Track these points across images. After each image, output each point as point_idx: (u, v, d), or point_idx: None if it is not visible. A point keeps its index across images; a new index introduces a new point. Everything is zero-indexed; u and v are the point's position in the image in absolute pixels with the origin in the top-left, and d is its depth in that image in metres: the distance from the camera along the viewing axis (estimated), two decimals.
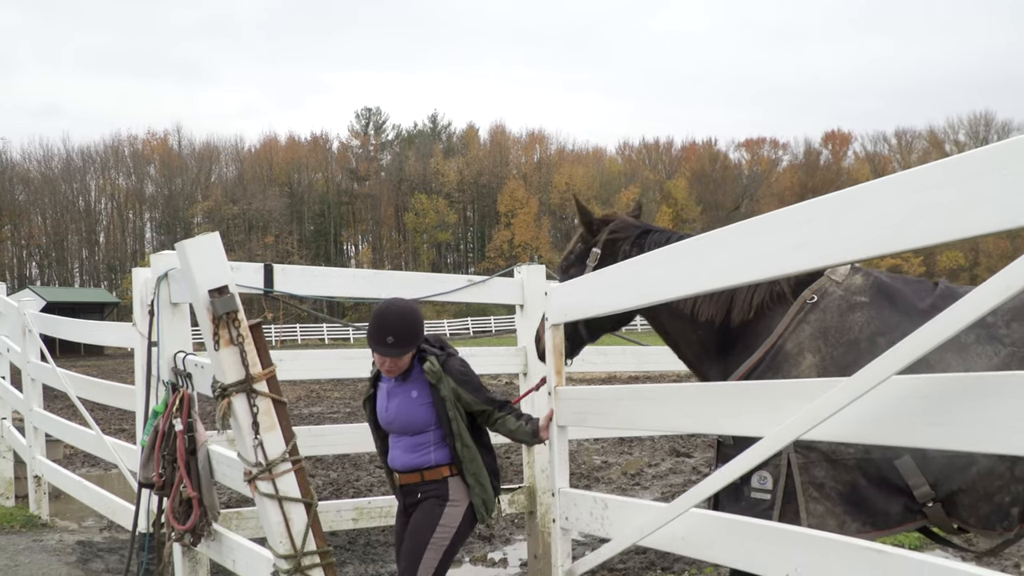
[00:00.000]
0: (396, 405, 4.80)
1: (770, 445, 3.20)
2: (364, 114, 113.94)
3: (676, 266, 3.74)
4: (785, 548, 3.25)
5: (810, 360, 3.98)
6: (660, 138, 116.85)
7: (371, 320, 4.73)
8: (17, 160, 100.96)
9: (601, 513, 4.40)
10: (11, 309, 10.88)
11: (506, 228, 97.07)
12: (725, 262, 3.38)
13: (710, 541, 3.66)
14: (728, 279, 3.42)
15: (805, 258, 2.97)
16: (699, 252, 3.59)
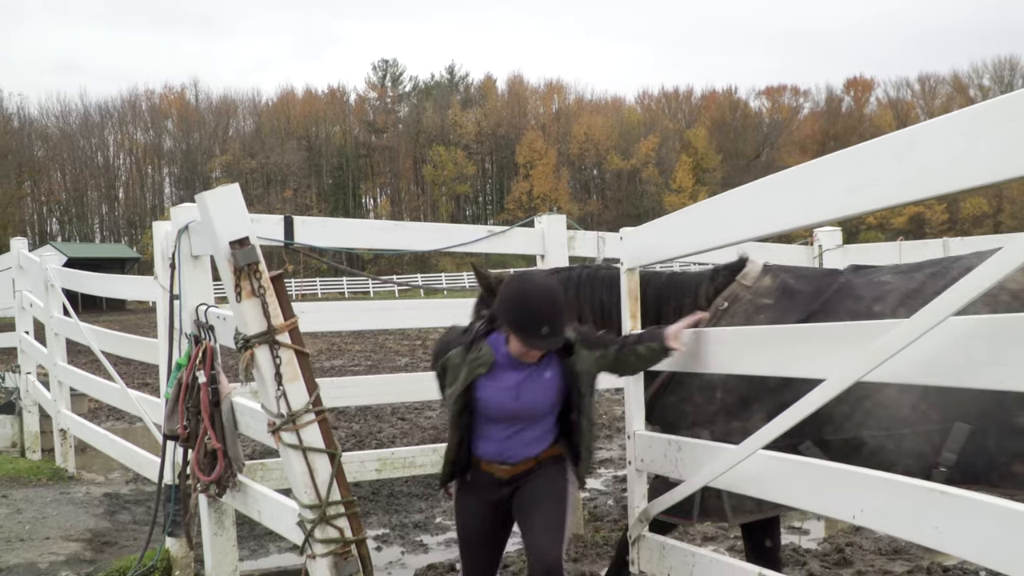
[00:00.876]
0: (531, 391, 4.25)
1: (832, 387, 3.25)
2: (381, 66, 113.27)
3: (742, 209, 3.85)
4: (851, 490, 3.30)
5: None
6: (680, 86, 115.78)
7: (514, 305, 4.13)
8: (35, 116, 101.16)
9: (675, 455, 4.53)
10: (33, 264, 10.92)
11: (525, 179, 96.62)
12: (795, 203, 3.44)
13: (779, 483, 3.73)
14: (793, 221, 3.51)
15: (860, 201, 3.03)
16: (762, 195, 3.69)
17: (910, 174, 2.79)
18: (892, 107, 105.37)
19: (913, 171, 2.78)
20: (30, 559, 6.90)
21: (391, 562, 7.20)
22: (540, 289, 4.13)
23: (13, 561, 6.83)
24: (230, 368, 5.47)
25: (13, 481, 9.87)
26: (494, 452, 4.32)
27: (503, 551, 4.53)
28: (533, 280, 4.24)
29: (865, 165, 2.96)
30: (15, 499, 8.88)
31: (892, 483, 3.13)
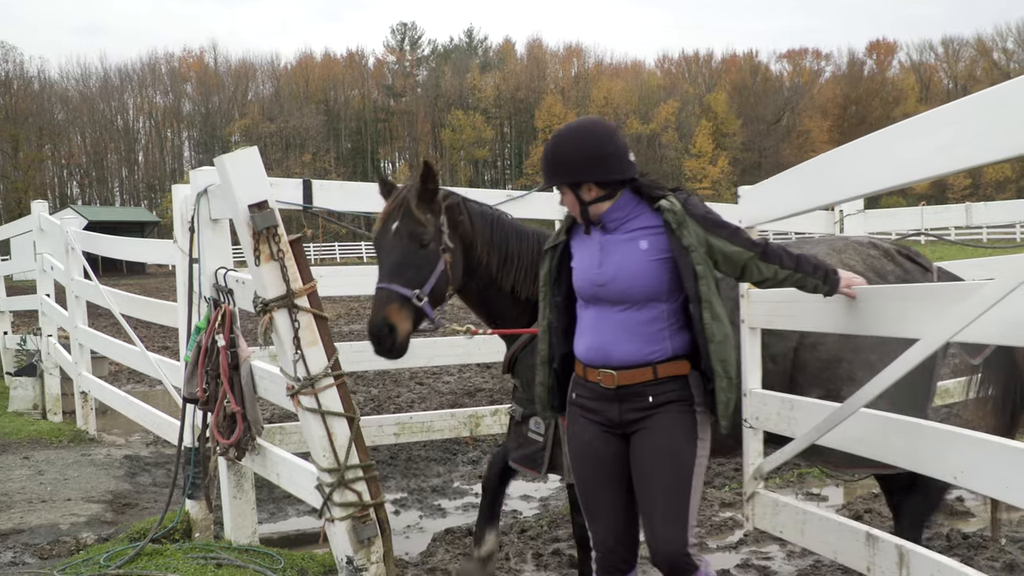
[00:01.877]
0: (617, 259, 3.55)
1: (926, 345, 3.28)
2: (399, 29, 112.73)
3: (845, 168, 3.84)
4: (950, 450, 3.32)
5: None
6: (700, 50, 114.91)
7: (544, 153, 3.73)
8: (55, 79, 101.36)
9: (788, 413, 4.50)
10: (54, 227, 10.95)
11: (544, 144, 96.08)
12: (889, 163, 3.45)
13: (882, 442, 3.75)
14: (889, 180, 3.48)
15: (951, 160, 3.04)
16: (858, 155, 3.71)
17: (999, 132, 2.80)
18: (915, 70, 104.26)
19: (1002, 129, 2.78)
20: (52, 520, 6.96)
21: (409, 526, 7.23)
22: (571, 125, 3.70)
23: (35, 522, 6.89)
24: (249, 332, 5.47)
25: (35, 443, 9.95)
26: (591, 347, 3.61)
27: (630, 492, 3.65)
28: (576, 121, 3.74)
29: (956, 124, 2.97)
30: (37, 461, 8.96)
31: (988, 443, 3.17)
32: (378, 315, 4.16)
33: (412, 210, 4.32)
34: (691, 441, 3.51)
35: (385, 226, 4.34)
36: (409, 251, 4.26)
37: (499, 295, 4.71)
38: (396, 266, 4.25)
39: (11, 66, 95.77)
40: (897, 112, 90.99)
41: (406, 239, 4.29)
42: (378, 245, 4.35)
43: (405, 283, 4.20)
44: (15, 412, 11.91)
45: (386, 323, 4.14)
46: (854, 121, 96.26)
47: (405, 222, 4.30)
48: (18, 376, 12.36)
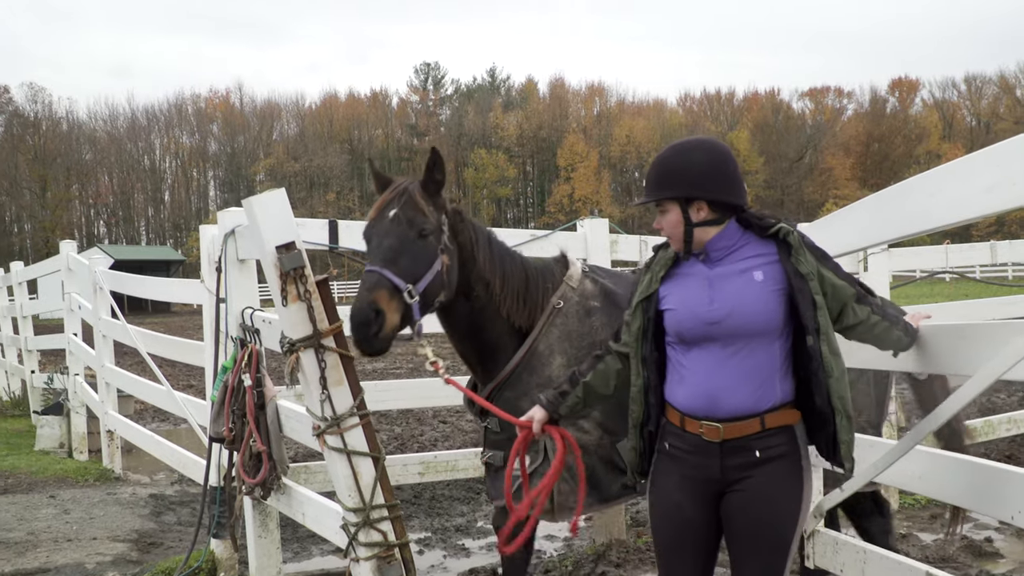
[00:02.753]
0: (732, 295, 3.21)
1: (981, 381, 3.23)
2: (423, 69, 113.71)
3: (895, 206, 3.79)
4: (1010, 489, 3.32)
5: (559, 360, 4.48)
6: (722, 88, 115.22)
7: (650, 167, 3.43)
8: (84, 120, 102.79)
9: None
10: (82, 267, 11.07)
11: (566, 182, 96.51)
12: (938, 203, 3.39)
13: (941, 481, 3.74)
14: (938, 220, 3.42)
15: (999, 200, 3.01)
16: (908, 194, 3.66)
17: None
18: (938, 108, 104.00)
19: None
20: (77, 559, 6.99)
21: (433, 566, 7.21)
22: (690, 139, 3.40)
23: (61, 561, 6.92)
24: (275, 371, 5.50)
25: (61, 481, 10.00)
26: (695, 395, 3.24)
27: (715, 560, 3.39)
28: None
29: (1003, 165, 2.97)
30: (63, 499, 9.00)
31: None
32: (366, 298, 3.84)
33: (415, 197, 4.12)
34: (795, 503, 3.21)
35: (382, 213, 4.12)
36: (407, 239, 4.03)
37: (495, 320, 4.49)
38: (391, 252, 3.98)
39: (40, 107, 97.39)
40: (920, 150, 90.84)
41: (405, 225, 4.05)
42: (371, 231, 4.10)
43: (399, 273, 3.93)
44: (42, 451, 11.99)
45: (374, 307, 3.83)
46: (877, 158, 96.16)
47: (406, 209, 4.09)
48: (45, 415, 12.46)
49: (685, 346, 3.27)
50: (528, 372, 4.47)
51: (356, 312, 3.83)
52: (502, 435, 4.45)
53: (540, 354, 4.48)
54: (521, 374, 4.47)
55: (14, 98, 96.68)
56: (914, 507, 8.05)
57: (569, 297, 4.61)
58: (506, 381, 4.48)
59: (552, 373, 4.42)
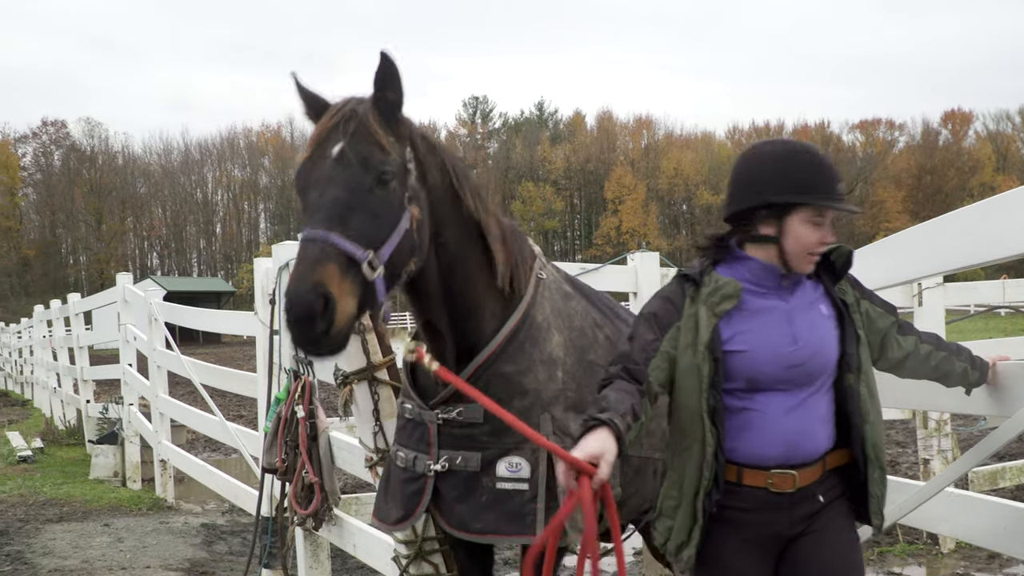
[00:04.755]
0: (811, 333, 2.90)
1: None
2: (471, 103, 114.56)
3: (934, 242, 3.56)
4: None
5: (557, 338, 3.52)
6: (771, 121, 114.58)
7: (792, 161, 2.87)
8: (139, 154, 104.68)
9: None
10: (137, 299, 11.26)
11: (613, 215, 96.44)
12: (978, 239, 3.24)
13: (971, 523, 3.57)
14: (978, 256, 3.28)
15: None
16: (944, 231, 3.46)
17: None
18: (991, 140, 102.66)
19: None
20: None
21: None
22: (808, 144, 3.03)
23: None
24: (327, 403, 5.56)
25: (115, 510, 10.13)
26: (770, 444, 2.85)
27: None
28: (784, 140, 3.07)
29: None
30: (117, 528, 9.12)
31: None
32: (308, 278, 2.70)
33: (369, 124, 2.99)
34: (857, 547, 3.00)
35: (321, 150, 2.99)
36: (362, 187, 2.91)
37: (479, 277, 3.40)
38: (339, 207, 2.86)
39: (96, 141, 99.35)
40: (973, 182, 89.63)
41: (358, 167, 2.92)
42: (307, 178, 3.00)
43: (353, 236, 2.81)
44: (96, 479, 12.16)
45: (320, 291, 2.69)
46: (929, 191, 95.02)
47: (357, 143, 2.96)
48: (100, 444, 12.64)
49: (749, 391, 2.87)
50: (531, 343, 3.43)
51: (294, 300, 2.69)
52: (482, 428, 3.36)
53: (539, 325, 3.49)
54: (524, 343, 3.42)
55: (71, 132, 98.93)
56: (971, 546, 7.90)
57: (549, 272, 3.78)
58: (502, 351, 3.39)
59: (553, 352, 3.47)
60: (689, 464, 2.87)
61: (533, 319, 3.48)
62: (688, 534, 2.89)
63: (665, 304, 2.95)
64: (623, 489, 3.51)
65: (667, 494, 2.95)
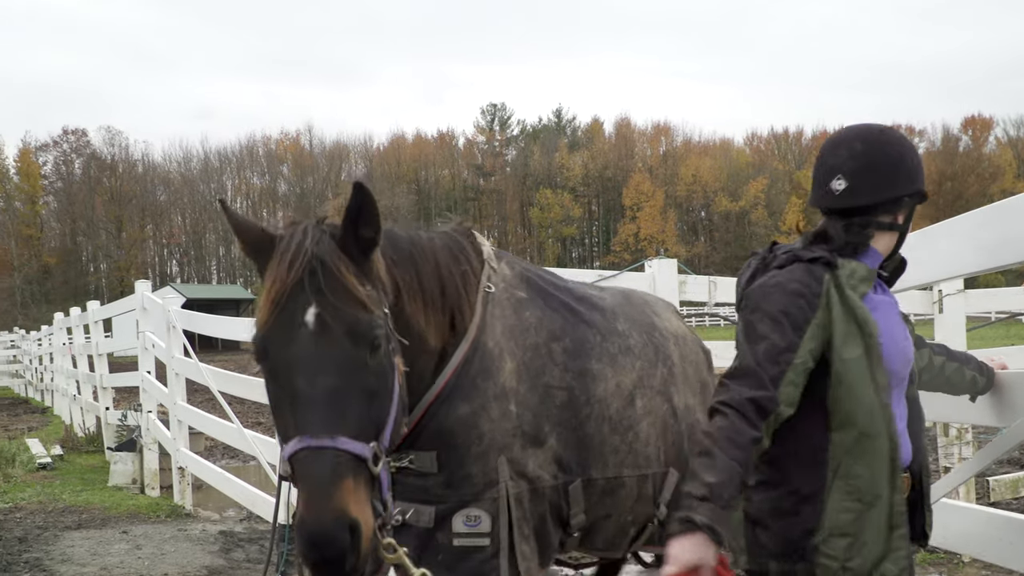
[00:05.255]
0: (906, 329, 2.87)
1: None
2: (489, 110, 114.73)
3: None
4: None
5: (510, 365, 3.17)
6: (790, 127, 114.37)
7: (901, 149, 2.79)
8: (159, 162, 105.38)
9: None
10: (156, 306, 11.29)
11: (631, 221, 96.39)
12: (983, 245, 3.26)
13: (966, 534, 3.55)
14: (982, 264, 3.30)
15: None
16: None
17: None
18: (1012, 146, 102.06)
19: None
20: None
21: None
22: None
23: None
24: None
25: (133, 517, 10.15)
26: (904, 447, 2.76)
27: None
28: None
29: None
30: (135, 535, 9.13)
31: None
32: (326, 508, 2.31)
33: (344, 279, 2.54)
34: None
35: (288, 315, 2.51)
36: (354, 367, 2.49)
37: (421, 350, 3.01)
38: (338, 399, 2.45)
39: (117, 149, 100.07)
40: (994, 188, 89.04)
41: (346, 342, 2.49)
42: (278, 356, 2.51)
43: (356, 431, 2.45)
44: (115, 486, 12.19)
45: (344, 522, 2.30)
46: (950, 197, 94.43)
47: (335, 305, 2.50)
48: (119, 451, 12.68)
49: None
50: (483, 376, 3.09)
51: (319, 542, 2.29)
52: (436, 479, 3.02)
53: (490, 353, 3.14)
54: (475, 378, 3.07)
55: (92, 141, 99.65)
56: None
57: (496, 282, 3.34)
58: (454, 388, 3.04)
59: (505, 383, 3.13)
60: (875, 464, 2.62)
61: (484, 347, 3.13)
62: (886, 545, 2.64)
63: (795, 299, 2.62)
64: (587, 515, 3.33)
65: (839, 508, 2.63)
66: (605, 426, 3.42)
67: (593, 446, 3.33)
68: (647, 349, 3.74)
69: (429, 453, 3.03)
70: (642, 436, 3.54)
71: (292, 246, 2.57)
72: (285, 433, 2.52)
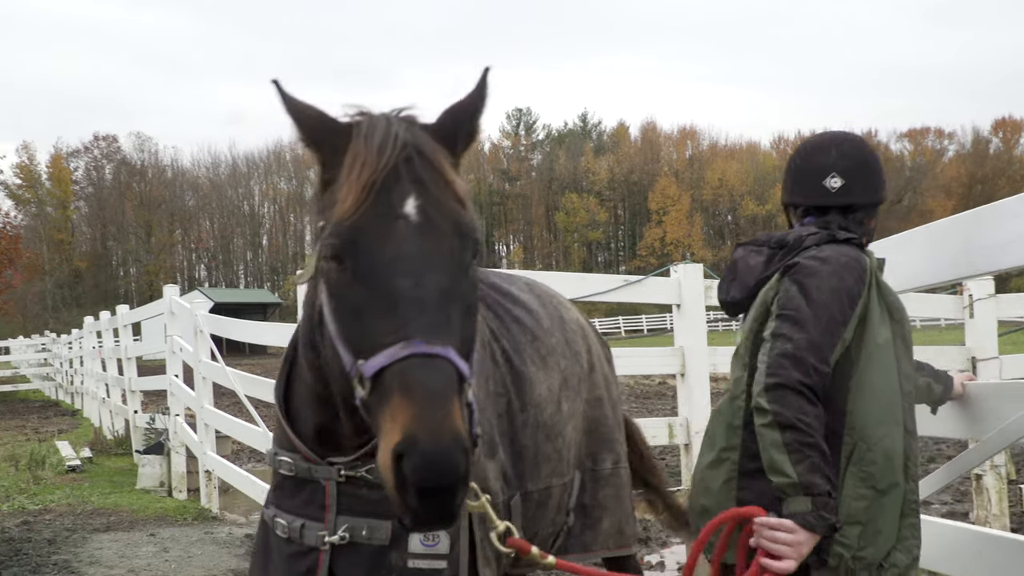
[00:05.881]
0: None
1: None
2: (515, 115, 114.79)
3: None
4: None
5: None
6: (817, 130, 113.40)
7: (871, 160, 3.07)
8: (187, 167, 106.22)
9: None
10: (184, 311, 11.36)
11: (657, 226, 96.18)
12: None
13: (962, 557, 3.44)
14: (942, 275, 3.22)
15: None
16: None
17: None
18: None
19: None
20: None
21: None
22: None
23: None
24: None
25: (161, 520, 10.21)
26: None
27: None
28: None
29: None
30: (162, 538, 9.18)
31: None
32: (446, 428, 1.90)
33: (444, 171, 2.24)
34: None
35: (384, 204, 2.17)
36: (460, 270, 2.18)
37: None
38: (448, 303, 2.10)
39: (147, 155, 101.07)
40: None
41: (453, 240, 2.18)
42: (373, 248, 2.14)
43: (460, 346, 2.09)
44: (143, 489, 12.28)
45: (463, 443, 1.91)
46: (980, 200, 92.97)
47: (438, 197, 2.20)
48: (147, 454, 12.77)
49: None
50: None
51: (439, 462, 1.88)
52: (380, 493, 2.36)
53: None
54: None
55: (122, 147, 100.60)
56: None
57: None
58: None
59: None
60: (892, 451, 2.66)
61: None
62: (897, 534, 2.69)
63: (850, 273, 2.74)
64: (526, 530, 3.01)
65: (852, 495, 2.66)
66: (540, 433, 3.22)
67: (528, 456, 3.13)
68: (566, 348, 3.56)
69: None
70: (567, 441, 3.38)
71: (379, 130, 2.25)
72: (371, 343, 2.06)
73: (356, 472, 2.61)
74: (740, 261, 3.01)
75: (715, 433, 2.97)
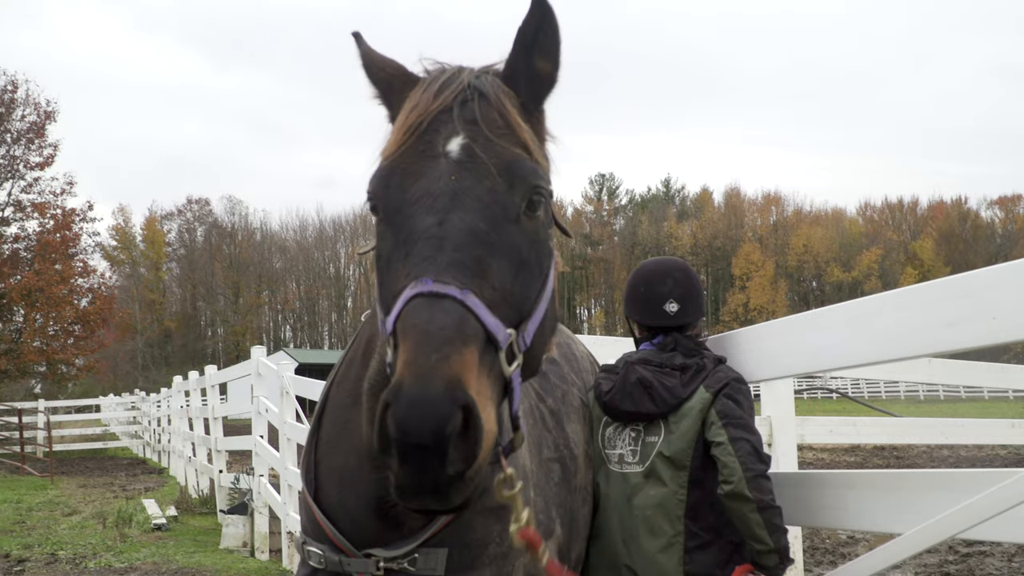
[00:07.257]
0: None
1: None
2: (598, 180, 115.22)
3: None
4: None
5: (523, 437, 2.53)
6: (904, 197, 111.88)
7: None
8: (276, 230, 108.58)
9: None
10: (270, 372, 11.50)
11: (741, 291, 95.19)
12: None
13: None
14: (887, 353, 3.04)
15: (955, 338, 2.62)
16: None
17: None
18: None
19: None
20: None
21: None
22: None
23: None
24: None
25: None
26: None
27: None
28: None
29: (961, 297, 2.61)
30: None
31: None
32: (440, 368, 1.63)
33: (507, 113, 2.01)
34: None
35: (427, 142, 1.97)
36: (503, 215, 1.92)
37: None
38: (476, 244, 1.85)
39: (237, 218, 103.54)
40: None
41: (498, 180, 1.94)
42: (402, 187, 1.95)
43: (496, 302, 1.83)
44: (226, 549, 12.36)
45: (458, 396, 1.63)
46: None
47: (490, 137, 1.96)
48: (231, 514, 12.86)
49: None
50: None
51: (419, 412, 1.60)
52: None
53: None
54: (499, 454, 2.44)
55: (214, 210, 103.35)
56: None
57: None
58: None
59: (524, 462, 2.70)
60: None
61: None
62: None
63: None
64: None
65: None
66: (579, 496, 3.10)
67: (578, 522, 3.03)
68: (581, 392, 3.51)
69: (440, 551, 2.23)
70: (588, 496, 3.30)
71: (443, 77, 2.05)
72: (392, 294, 1.82)
73: (397, 565, 2.20)
74: (655, 382, 3.34)
75: (658, 524, 3.25)
